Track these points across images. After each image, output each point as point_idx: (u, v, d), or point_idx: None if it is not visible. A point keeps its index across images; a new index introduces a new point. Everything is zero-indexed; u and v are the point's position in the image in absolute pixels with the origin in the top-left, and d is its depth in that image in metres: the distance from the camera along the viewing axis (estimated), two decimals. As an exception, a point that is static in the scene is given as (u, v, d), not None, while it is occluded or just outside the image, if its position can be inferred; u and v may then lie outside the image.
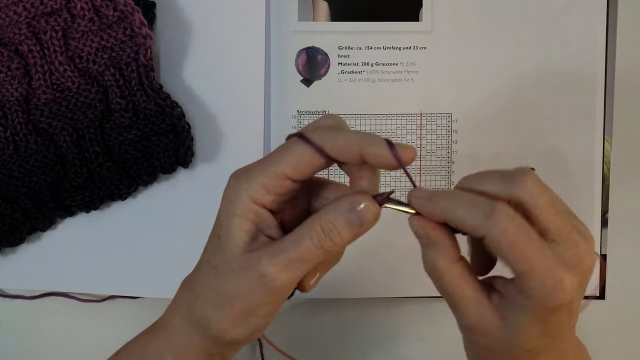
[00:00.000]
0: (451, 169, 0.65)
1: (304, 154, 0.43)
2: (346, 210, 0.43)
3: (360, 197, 0.43)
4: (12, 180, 0.61)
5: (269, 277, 0.43)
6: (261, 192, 0.44)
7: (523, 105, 0.65)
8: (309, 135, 0.43)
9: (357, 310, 0.67)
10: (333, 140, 0.43)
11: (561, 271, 0.42)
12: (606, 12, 0.65)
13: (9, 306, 0.66)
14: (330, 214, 0.43)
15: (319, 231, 0.43)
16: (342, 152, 0.43)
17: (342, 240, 0.43)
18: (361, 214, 0.43)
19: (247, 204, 0.44)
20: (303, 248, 0.43)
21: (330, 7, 0.64)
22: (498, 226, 0.41)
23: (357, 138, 0.43)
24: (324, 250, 0.43)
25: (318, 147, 0.43)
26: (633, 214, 0.67)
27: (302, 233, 0.43)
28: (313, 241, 0.43)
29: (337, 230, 0.43)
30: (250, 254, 0.44)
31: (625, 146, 0.66)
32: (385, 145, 0.42)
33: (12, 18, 0.59)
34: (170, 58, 0.64)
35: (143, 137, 0.62)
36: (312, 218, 0.44)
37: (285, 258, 0.43)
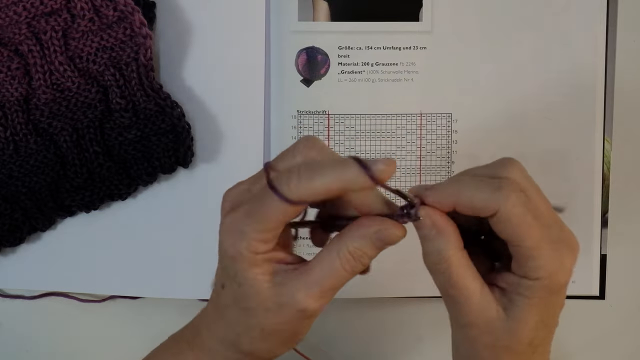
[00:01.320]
0: (451, 169, 0.65)
1: (285, 209, 0.42)
2: (374, 237, 0.44)
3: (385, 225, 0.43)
4: (12, 180, 0.61)
5: (309, 310, 0.44)
6: (260, 245, 0.44)
7: (523, 105, 0.65)
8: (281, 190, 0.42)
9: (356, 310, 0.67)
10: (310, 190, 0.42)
11: (564, 250, 0.43)
12: (606, 12, 0.65)
13: (9, 306, 0.66)
14: (359, 242, 0.44)
15: (350, 258, 0.44)
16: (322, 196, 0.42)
17: (370, 260, 0.45)
18: (388, 238, 0.44)
19: (253, 257, 0.44)
20: (336, 276, 0.44)
21: (330, 7, 0.64)
22: (508, 199, 0.42)
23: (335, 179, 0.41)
24: (355, 273, 0.45)
25: (296, 201, 0.42)
26: (633, 214, 0.67)
27: (333, 262, 0.44)
28: (345, 268, 0.44)
29: (366, 255, 0.44)
30: (282, 290, 0.44)
31: (625, 146, 0.66)
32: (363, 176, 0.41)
33: (12, 18, 0.59)
34: (170, 58, 0.64)
35: (143, 137, 0.62)
36: (339, 245, 0.44)
37: (320, 289, 0.44)
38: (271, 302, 0.44)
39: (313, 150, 0.45)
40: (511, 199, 0.42)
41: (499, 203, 0.42)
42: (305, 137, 0.46)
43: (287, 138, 0.65)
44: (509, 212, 0.42)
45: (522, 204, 0.42)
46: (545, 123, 0.65)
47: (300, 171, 0.42)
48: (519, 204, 0.42)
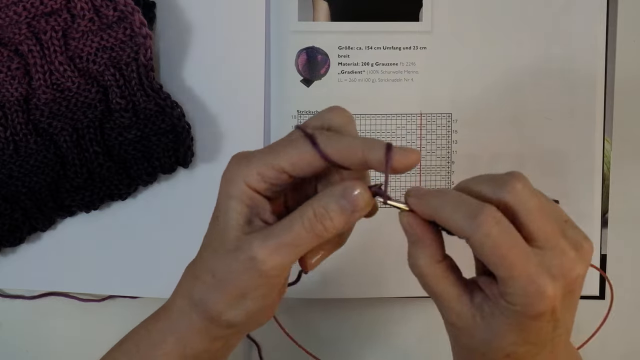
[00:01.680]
0: (451, 169, 0.65)
1: (307, 155, 0.43)
2: (339, 195, 0.43)
3: (353, 183, 0.43)
4: (12, 180, 0.61)
5: (259, 260, 0.43)
6: (257, 178, 0.44)
7: (523, 105, 0.65)
8: (317, 139, 0.43)
9: (356, 310, 0.67)
10: (338, 146, 0.43)
11: (544, 279, 0.42)
12: (606, 12, 0.65)
13: (9, 306, 0.66)
14: (323, 200, 0.43)
15: (311, 216, 0.43)
16: (344, 158, 0.43)
17: (333, 226, 0.43)
18: (354, 200, 0.43)
19: (242, 187, 0.44)
20: (294, 232, 0.43)
21: (330, 7, 0.64)
22: (481, 228, 0.41)
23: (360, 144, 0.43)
24: (316, 235, 0.43)
25: (323, 152, 0.43)
26: (633, 214, 0.67)
27: (295, 218, 0.43)
28: (305, 226, 0.43)
29: (329, 215, 0.43)
30: (244, 237, 0.44)
31: (625, 146, 0.66)
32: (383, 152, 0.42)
33: (12, 18, 0.59)
34: (170, 58, 0.64)
35: (143, 137, 0.62)
36: (305, 203, 0.44)
37: (276, 242, 0.43)
38: (231, 246, 0.44)
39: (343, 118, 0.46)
40: (483, 229, 0.41)
41: (471, 230, 0.41)
42: (334, 106, 0.47)
43: (287, 138, 0.65)
44: (481, 241, 0.41)
45: (497, 232, 0.41)
46: (545, 123, 0.65)
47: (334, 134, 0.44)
48: (493, 233, 0.41)
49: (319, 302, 0.66)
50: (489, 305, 0.44)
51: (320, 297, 0.65)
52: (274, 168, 0.44)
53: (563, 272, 0.42)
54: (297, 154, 0.44)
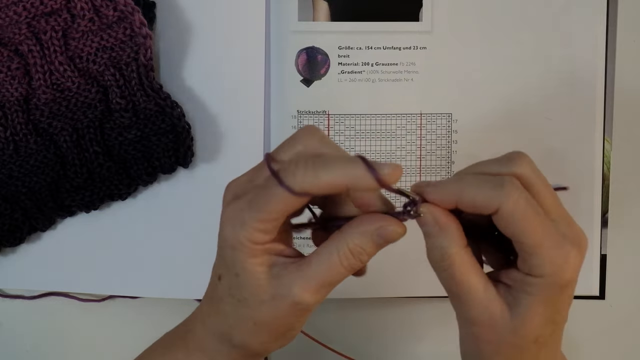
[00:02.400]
0: (451, 169, 0.65)
1: (288, 200, 0.42)
2: (375, 234, 0.43)
3: (386, 222, 0.43)
4: (12, 180, 0.61)
5: (305, 303, 0.44)
6: (260, 235, 0.44)
7: (523, 105, 0.65)
8: (286, 180, 0.42)
9: (356, 310, 0.67)
10: (315, 182, 0.42)
11: (568, 247, 0.43)
12: (606, 12, 0.65)
13: (9, 306, 0.66)
14: (359, 238, 0.44)
15: (349, 255, 0.44)
16: (326, 190, 0.42)
17: (369, 258, 0.45)
18: (389, 235, 0.44)
19: (252, 247, 0.44)
20: (333, 272, 0.44)
21: (330, 7, 0.64)
22: (510, 197, 0.42)
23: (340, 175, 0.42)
24: (353, 270, 0.44)
25: (300, 193, 0.42)
26: (633, 214, 0.67)
27: (332, 257, 0.44)
28: (344, 265, 0.44)
29: (365, 252, 0.44)
30: (278, 282, 0.44)
31: (625, 146, 0.66)
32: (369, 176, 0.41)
33: (12, 18, 0.59)
34: (170, 58, 0.64)
35: (143, 137, 0.62)
36: (339, 241, 0.44)
37: (317, 283, 0.44)
38: (266, 294, 0.44)
39: (314, 140, 0.45)
40: (513, 197, 0.42)
41: (500, 200, 0.42)
42: (305, 127, 0.46)
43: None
44: (511, 209, 0.42)
45: (524, 201, 0.42)
46: (545, 123, 0.65)
47: (307, 163, 0.42)
48: (521, 201, 0.42)
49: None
50: (512, 294, 0.44)
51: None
52: (268, 221, 0.43)
53: (578, 240, 0.44)
54: (277, 203, 0.43)
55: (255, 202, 0.43)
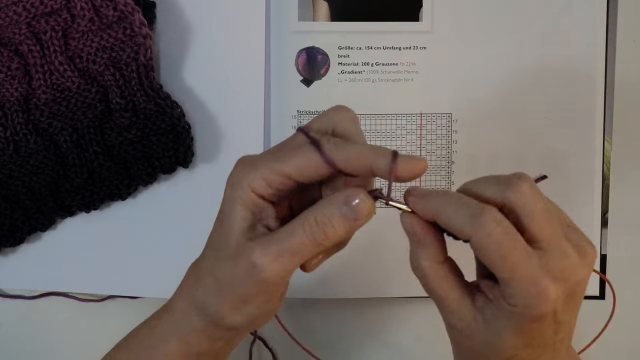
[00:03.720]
0: (451, 169, 0.65)
1: (313, 162, 0.43)
2: (342, 204, 0.43)
3: (355, 191, 0.43)
4: (12, 180, 0.61)
5: (260, 267, 0.43)
6: (262, 184, 0.44)
7: (523, 105, 0.65)
8: (323, 146, 0.43)
9: (356, 310, 0.67)
10: (345, 155, 0.43)
11: (545, 281, 0.41)
12: (606, 12, 0.65)
13: (9, 306, 0.66)
14: (326, 208, 0.43)
15: (313, 224, 0.43)
16: (351, 166, 0.43)
17: (335, 234, 0.43)
18: (356, 208, 0.43)
19: (247, 192, 0.44)
20: (296, 240, 0.43)
21: (330, 7, 0.64)
22: (483, 229, 0.41)
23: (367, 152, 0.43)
24: (317, 243, 0.43)
25: (329, 160, 0.43)
26: (633, 214, 0.67)
27: (296, 225, 0.43)
28: (306, 234, 0.43)
29: (331, 224, 0.43)
30: (246, 243, 0.44)
31: (625, 146, 0.66)
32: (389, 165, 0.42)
33: (12, 18, 0.59)
34: (170, 58, 0.64)
35: (143, 137, 0.62)
36: (307, 211, 0.44)
37: (277, 249, 0.43)
38: (233, 251, 0.44)
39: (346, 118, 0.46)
40: (487, 229, 0.41)
41: (473, 230, 0.41)
42: (336, 106, 0.47)
43: (287, 138, 0.65)
44: (483, 241, 0.41)
45: (499, 233, 0.41)
46: (545, 123, 0.65)
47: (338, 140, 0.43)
48: (496, 233, 0.41)
49: (319, 302, 0.66)
50: (491, 308, 0.44)
51: (320, 297, 0.65)
52: (280, 174, 0.44)
53: (565, 275, 0.42)
54: (303, 161, 0.43)
55: (278, 152, 0.44)
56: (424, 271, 0.44)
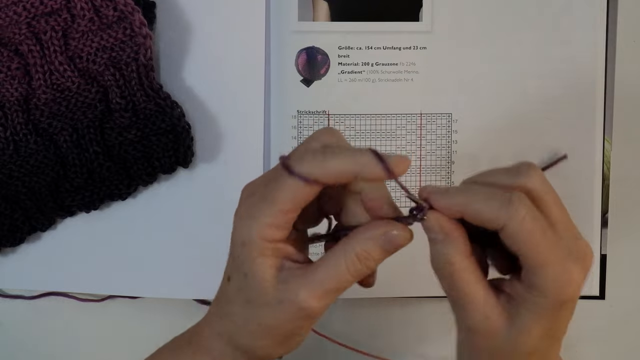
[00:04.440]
0: (451, 169, 0.65)
1: (298, 189, 0.43)
2: (381, 239, 0.43)
3: (392, 225, 0.43)
4: (12, 180, 0.61)
5: (310, 309, 0.44)
6: (271, 230, 0.44)
7: (523, 105, 0.65)
8: (295, 168, 0.42)
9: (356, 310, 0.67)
10: (324, 169, 0.42)
11: (572, 265, 0.42)
12: (606, 12, 0.65)
13: (9, 306, 0.66)
14: (365, 244, 0.43)
15: (355, 261, 0.43)
16: (334, 178, 0.43)
17: (376, 265, 0.44)
18: (396, 241, 0.43)
19: (262, 244, 0.44)
20: (340, 278, 0.44)
21: (330, 7, 0.64)
22: (517, 215, 0.41)
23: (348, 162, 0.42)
24: (360, 277, 0.44)
25: (310, 179, 0.42)
26: (633, 214, 0.67)
27: (338, 263, 0.43)
28: (350, 271, 0.44)
29: (372, 257, 0.44)
30: (285, 286, 0.44)
31: (625, 146, 0.66)
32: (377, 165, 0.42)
33: (12, 18, 0.59)
34: (170, 58, 0.64)
35: (143, 137, 0.62)
36: (345, 246, 0.44)
37: (323, 289, 0.43)
38: (272, 297, 0.44)
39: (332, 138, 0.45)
40: (520, 215, 0.41)
41: (507, 218, 0.41)
42: (324, 128, 0.46)
43: (287, 138, 0.65)
44: (516, 228, 0.41)
45: (531, 219, 0.42)
46: (545, 123, 0.65)
47: (317, 152, 0.43)
48: (528, 220, 0.41)
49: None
50: (515, 305, 0.44)
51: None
52: (280, 214, 0.43)
53: (582, 255, 0.43)
54: (290, 193, 0.43)
55: (266, 194, 0.44)
56: (454, 266, 0.43)
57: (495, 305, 0.44)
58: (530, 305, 0.43)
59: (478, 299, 0.44)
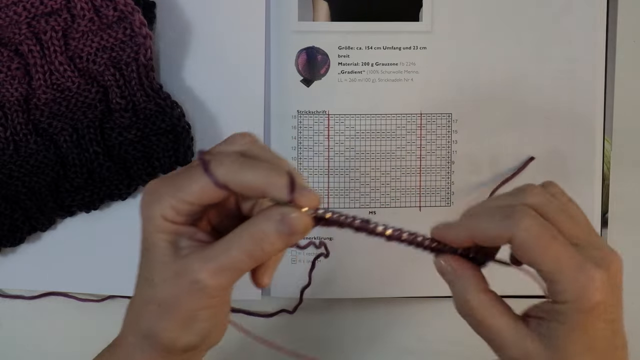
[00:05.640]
0: (451, 169, 0.65)
1: (206, 187, 0.43)
2: (277, 220, 0.43)
3: (291, 209, 0.43)
4: (12, 180, 0.61)
5: (202, 282, 0.43)
6: (172, 213, 0.44)
7: (523, 105, 0.65)
8: (213, 169, 0.43)
9: (356, 310, 0.67)
10: (237, 178, 0.43)
11: (590, 267, 0.42)
12: (606, 12, 0.65)
13: (9, 306, 0.66)
14: (262, 224, 0.43)
15: (249, 240, 0.43)
16: (244, 190, 0.43)
17: (272, 249, 0.43)
18: (292, 223, 0.43)
19: (162, 222, 0.44)
20: (233, 256, 0.43)
21: (330, 7, 0.64)
22: (522, 223, 0.42)
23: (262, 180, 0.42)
24: (254, 258, 0.43)
25: (220, 183, 0.43)
26: (633, 214, 0.67)
27: (233, 240, 0.43)
28: (243, 249, 0.43)
29: (267, 239, 0.43)
30: (182, 261, 0.44)
31: (625, 146, 0.66)
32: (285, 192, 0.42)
33: (12, 18, 0.59)
34: (170, 58, 0.64)
35: (143, 137, 0.62)
36: (243, 226, 0.43)
37: (216, 265, 0.43)
38: (169, 272, 0.44)
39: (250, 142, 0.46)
40: (523, 223, 0.42)
41: (512, 229, 0.42)
42: (242, 132, 0.47)
43: (287, 138, 0.65)
44: (523, 236, 0.42)
45: (537, 226, 0.42)
46: (545, 123, 0.65)
47: (237, 160, 0.43)
48: (534, 226, 0.42)
49: (319, 302, 0.66)
50: (545, 325, 0.44)
51: (320, 297, 0.65)
52: (184, 202, 0.44)
53: (605, 263, 0.43)
54: (198, 188, 0.43)
55: (176, 180, 0.44)
56: (471, 303, 0.44)
57: (526, 332, 0.44)
58: (559, 317, 0.43)
59: (507, 330, 0.44)
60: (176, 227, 0.44)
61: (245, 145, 0.46)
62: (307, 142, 0.65)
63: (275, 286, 0.65)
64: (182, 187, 0.44)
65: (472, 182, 0.65)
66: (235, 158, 0.43)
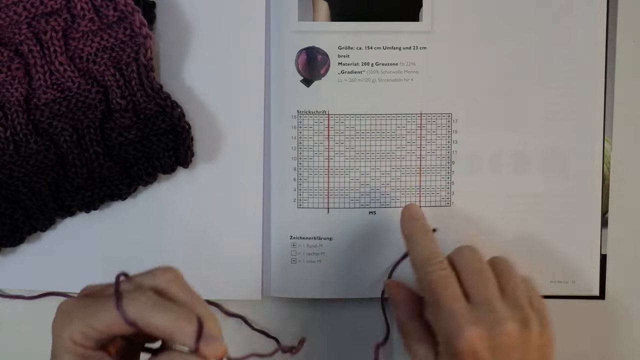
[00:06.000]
0: (451, 169, 0.65)
1: (116, 321, 0.44)
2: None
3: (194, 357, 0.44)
4: (13, 180, 0.61)
5: None
6: (81, 337, 0.45)
7: (523, 105, 0.65)
8: (125, 305, 0.44)
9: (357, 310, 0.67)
10: (147, 319, 0.44)
11: (463, 321, 0.50)
12: (606, 12, 0.65)
13: (9, 306, 0.66)
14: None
15: None
16: (152, 331, 0.44)
17: None
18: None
19: (71, 344, 0.45)
20: None
21: (330, 7, 0.64)
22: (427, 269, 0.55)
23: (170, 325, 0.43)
24: None
25: (130, 321, 0.44)
26: (633, 214, 0.67)
27: None
28: None
29: None
30: None
31: (625, 146, 0.66)
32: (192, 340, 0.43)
33: (12, 18, 0.59)
34: (170, 58, 0.64)
35: (143, 137, 0.62)
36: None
37: None
38: None
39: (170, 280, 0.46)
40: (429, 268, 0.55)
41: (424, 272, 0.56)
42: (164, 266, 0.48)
43: (287, 138, 0.65)
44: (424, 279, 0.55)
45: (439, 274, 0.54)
46: (545, 123, 0.65)
47: (150, 299, 0.44)
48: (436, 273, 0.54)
49: (319, 302, 0.66)
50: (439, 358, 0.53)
51: (320, 297, 0.65)
52: (92, 330, 0.45)
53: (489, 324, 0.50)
54: (109, 320, 0.44)
55: (89, 306, 0.45)
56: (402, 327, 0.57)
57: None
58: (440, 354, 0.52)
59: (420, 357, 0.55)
60: (83, 351, 0.45)
61: (164, 283, 0.46)
62: (307, 142, 0.65)
63: (275, 286, 0.65)
64: (93, 315, 0.44)
65: (472, 182, 0.65)
66: (149, 297, 0.44)
